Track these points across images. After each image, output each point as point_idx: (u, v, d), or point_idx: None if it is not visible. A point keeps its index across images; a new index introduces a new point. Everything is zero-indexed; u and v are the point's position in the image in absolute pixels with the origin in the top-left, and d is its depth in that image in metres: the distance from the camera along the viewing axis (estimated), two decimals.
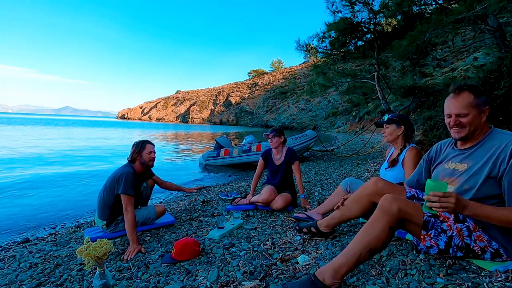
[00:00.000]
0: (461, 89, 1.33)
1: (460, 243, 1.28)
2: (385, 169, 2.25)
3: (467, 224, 1.29)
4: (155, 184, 2.79)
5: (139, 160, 2.40)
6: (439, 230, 1.29)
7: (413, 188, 1.67)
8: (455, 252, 1.31)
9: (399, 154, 2.16)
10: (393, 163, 2.16)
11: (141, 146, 2.39)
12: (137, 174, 2.38)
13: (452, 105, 1.35)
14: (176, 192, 4.92)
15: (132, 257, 1.94)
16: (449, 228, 1.29)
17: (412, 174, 1.74)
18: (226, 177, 6.40)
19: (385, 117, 2.29)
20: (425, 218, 1.30)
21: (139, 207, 2.65)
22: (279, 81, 77.08)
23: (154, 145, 2.50)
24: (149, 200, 2.76)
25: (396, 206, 1.27)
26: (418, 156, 2.03)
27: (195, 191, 3.21)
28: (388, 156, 2.32)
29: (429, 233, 1.29)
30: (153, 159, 2.48)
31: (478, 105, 1.30)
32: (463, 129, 1.34)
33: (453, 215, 1.32)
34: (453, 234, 1.28)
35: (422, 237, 1.31)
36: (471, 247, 1.28)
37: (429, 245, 1.31)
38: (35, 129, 23.10)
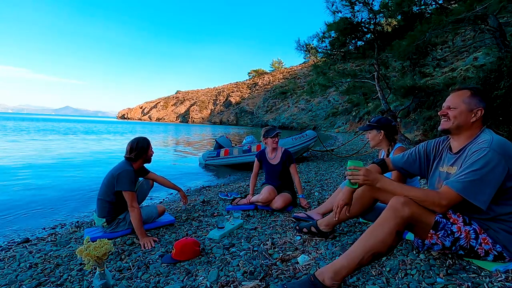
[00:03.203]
0: (463, 87, 1.38)
1: (465, 245, 1.28)
2: None
3: (474, 227, 1.28)
4: (153, 183, 2.84)
5: (144, 157, 2.47)
6: (449, 232, 1.27)
7: (395, 167, 1.68)
8: (457, 250, 1.31)
9: (387, 156, 2.18)
10: None
11: (147, 145, 2.48)
12: (135, 171, 2.43)
13: (448, 98, 1.41)
14: (176, 192, 4.92)
15: (153, 246, 2.10)
16: (458, 230, 1.27)
17: (402, 155, 1.67)
18: (226, 177, 6.40)
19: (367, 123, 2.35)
20: (436, 218, 1.27)
21: (141, 206, 2.66)
22: (279, 81, 77.09)
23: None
24: (149, 200, 2.76)
25: (408, 209, 1.21)
26: None
27: (184, 200, 2.92)
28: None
29: (438, 233, 1.27)
30: (152, 154, 2.57)
31: (469, 103, 1.33)
32: (447, 122, 1.38)
33: (461, 217, 1.30)
34: (461, 237, 1.27)
35: (429, 235, 1.28)
36: (475, 249, 1.28)
37: (434, 242, 1.30)
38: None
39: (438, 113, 1.46)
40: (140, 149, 2.41)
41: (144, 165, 2.60)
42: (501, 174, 1.18)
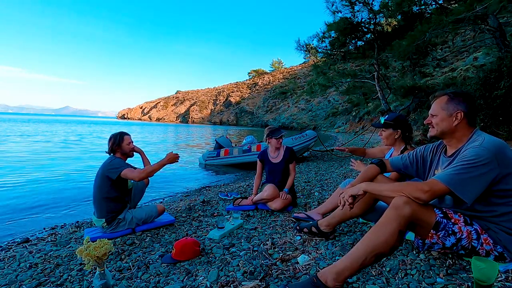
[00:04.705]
0: (442, 93, 1.42)
1: (467, 245, 1.27)
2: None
3: (475, 227, 1.28)
4: (148, 180, 2.83)
5: (119, 151, 2.48)
6: (450, 232, 1.26)
7: (394, 168, 1.70)
8: (458, 250, 1.31)
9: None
10: None
11: (119, 139, 2.47)
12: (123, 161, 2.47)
13: (431, 106, 1.46)
14: (176, 192, 4.93)
15: (177, 157, 2.37)
16: (459, 230, 1.27)
17: (401, 158, 1.70)
18: (226, 177, 6.40)
19: (382, 120, 2.23)
20: (437, 219, 1.27)
21: (140, 205, 2.66)
22: (279, 81, 77.05)
23: (130, 135, 2.58)
24: (149, 200, 2.76)
25: (409, 208, 1.21)
26: None
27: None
28: (387, 157, 2.29)
29: (439, 233, 1.27)
30: (132, 149, 2.56)
31: (447, 108, 1.37)
32: (433, 129, 1.44)
33: (462, 217, 1.30)
34: (463, 237, 1.27)
35: (430, 235, 1.28)
36: (477, 249, 1.27)
37: (434, 242, 1.29)
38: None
39: (424, 122, 1.50)
40: (112, 142, 2.45)
41: (127, 161, 2.59)
42: (491, 171, 1.18)
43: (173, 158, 2.39)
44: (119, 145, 2.45)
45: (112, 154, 2.47)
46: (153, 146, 13.74)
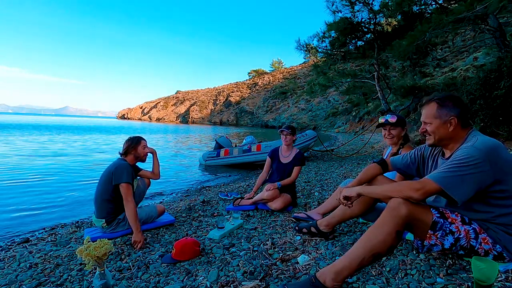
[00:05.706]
0: (429, 100, 1.41)
1: (466, 245, 1.27)
2: None
3: (474, 227, 1.28)
4: (150, 182, 2.90)
5: (133, 154, 2.49)
6: (447, 231, 1.27)
7: (394, 168, 1.72)
8: (458, 250, 1.31)
9: (394, 154, 2.13)
10: None
11: (136, 141, 2.51)
12: (131, 166, 2.46)
13: (423, 113, 1.44)
14: (176, 192, 4.93)
15: (142, 247, 2.09)
16: (457, 230, 1.27)
17: (401, 157, 1.70)
18: (226, 177, 6.40)
19: (388, 117, 2.22)
20: (434, 219, 1.27)
21: (140, 206, 2.66)
22: (279, 81, 76.99)
23: (146, 141, 2.63)
24: (149, 200, 2.76)
25: (405, 208, 1.22)
26: None
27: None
28: (385, 157, 2.29)
29: (436, 233, 1.27)
30: (146, 154, 2.59)
31: (440, 115, 1.35)
32: (430, 137, 1.42)
33: (459, 216, 1.30)
34: (461, 236, 1.27)
35: (428, 235, 1.29)
36: (476, 249, 1.27)
37: (433, 243, 1.29)
38: None
39: (419, 131, 1.50)
40: (128, 144, 2.47)
41: (137, 164, 2.62)
42: (483, 172, 1.18)
43: (136, 238, 2.15)
44: (135, 147, 2.48)
45: (123, 155, 2.47)
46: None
